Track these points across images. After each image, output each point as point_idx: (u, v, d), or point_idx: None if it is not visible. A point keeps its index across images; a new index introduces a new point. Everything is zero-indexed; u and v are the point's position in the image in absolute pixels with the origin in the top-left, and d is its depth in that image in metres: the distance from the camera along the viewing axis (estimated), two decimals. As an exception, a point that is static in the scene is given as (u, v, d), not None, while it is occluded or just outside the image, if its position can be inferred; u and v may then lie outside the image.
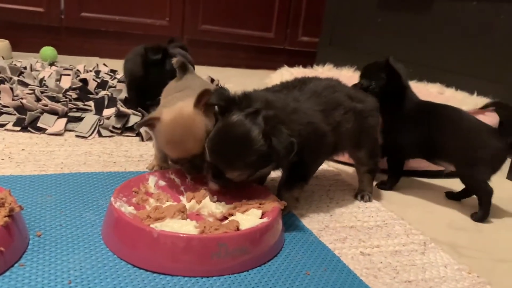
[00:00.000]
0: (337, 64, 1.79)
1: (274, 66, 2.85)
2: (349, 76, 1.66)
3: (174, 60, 1.00)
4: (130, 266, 0.61)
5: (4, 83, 1.36)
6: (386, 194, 1.01)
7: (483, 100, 1.32)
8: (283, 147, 0.67)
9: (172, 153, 0.79)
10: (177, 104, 0.79)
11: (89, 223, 0.71)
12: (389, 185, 1.03)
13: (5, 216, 0.59)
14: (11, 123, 1.10)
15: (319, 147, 0.80)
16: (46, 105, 1.17)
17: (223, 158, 0.71)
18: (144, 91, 1.26)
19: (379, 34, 2.02)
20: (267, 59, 2.85)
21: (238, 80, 2.24)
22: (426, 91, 1.52)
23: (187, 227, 0.65)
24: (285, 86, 0.85)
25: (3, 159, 0.93)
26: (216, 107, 0.75)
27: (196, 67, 1.37)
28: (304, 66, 2.83)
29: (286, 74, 1.47)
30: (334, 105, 0.83)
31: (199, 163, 0.76)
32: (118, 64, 2.17)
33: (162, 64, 1.22)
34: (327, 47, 2.41)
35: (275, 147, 0.67)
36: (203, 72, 1.82)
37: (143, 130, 1.15)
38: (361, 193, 0.94)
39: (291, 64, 2.89)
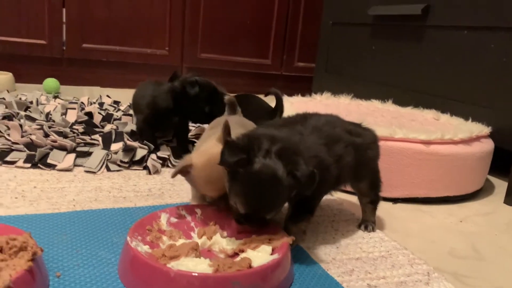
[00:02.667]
0: (334, 91, 1.84)
1: (272, 91, 2.92)
2: (346, 103, 1.71)
3: (226, 98, 1.05)
4: (148, 305, 0.63)
5: (12, 119, 1.40)
6: (388, 223, 1.04)
7: (477, 126, 1.36)
8: (306, 178, 0.71)
9: (212, 193, 0.83)
10: (204, 146, 0.83)
11: (105, 262, 0.74)
12: None
13: (28, 260, 0.62)
14: (22, 160, 1.13)
15: (324, 180, 0.83)
16: (55, 141, 1.20)
17: (261, 207, 0.74)
18: (160, 124, 1.31)
19: (374, 62, 2.08)
20: (265, 84, 2.90)
21: (237, 107, 2.29)
22: (422, 117, 1.57)
23: (201, 266, 0.68)
24: (288, 121, 0.89)
25: (16, 198, 0.95)
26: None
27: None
28: (301, 90, 2.90)
29: (286, 104, 1.51)
30: (335, 139, 0.86)
31: None
32: (119, 94, 2.23)
33: (194, 98, 1.29)
34: (323, 74, 2.46)
35: (300, 180, 0.70)
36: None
37: (150, 163, 1.18)
38: (365, 223, 0.97)
39: (288, 89, 2.97)
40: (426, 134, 1.18)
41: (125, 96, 2.15)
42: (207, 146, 0.83)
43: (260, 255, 0.72)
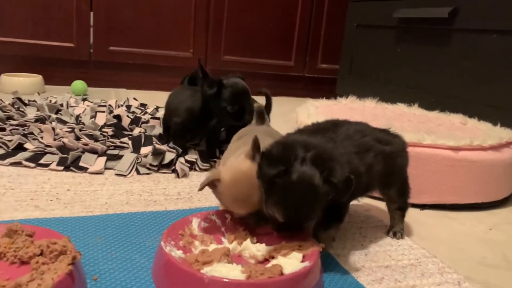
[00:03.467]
0: (358, 93, 1.84)
1: (294, 93, 2.93)
2: (372, 107, 1.70)
3: (255, 105, 1.05)
4: (183, 310, 0.65)
5: (44, 122, 1.44)
6: (416, 229, 1.04)
7: (507, 132, 1.34)
8: (343, 184, 0.70)
9: (240, 211, 0.81)
10: (232, 161, 0.83)
11: (139, 266, 0.76)
12: None
13: (68, 264, 0.64)
14: (55, 163, 1.17)
15: (355, 188, 0.83)
16: (86, 144, 1.23)
17: (299, 216, 0.74)
18: (196, 128, 1.33)
19: (399, 65, 2.06)
20: (287, 86, 2.91)
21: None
22: (449, 121, 1.55)
23: (234, 272, 0.69)
24: (318, 129, 0.89)
25: (51, 200, 0.98)
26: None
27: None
28: (324, 92, 2.89)
29: (311, 108, 1.51)
30: (365, 148, 0.86)
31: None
32: (145, 96, 2.27)
33: (219, 98, 1.28)
34: (347, 76, 2.46)
35: (337, 186, 0.70)
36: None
37: (178, 167, 1.20)
38: (393, 230, 0.97)
39: (311, 90, 2.97)
40: (454, 140, 1.17)
41: (151, 98, 2.19)
42: (235, 162, 0.81)
43: (291, 262, 0.72)
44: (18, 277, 0.62)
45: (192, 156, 1.29)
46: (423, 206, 1.18)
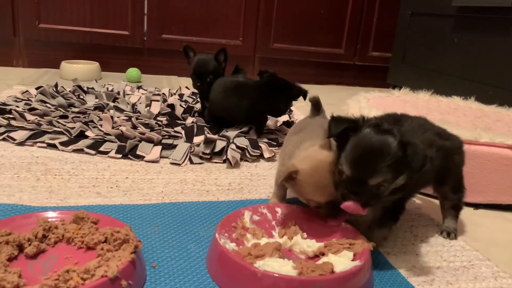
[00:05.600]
0: (410, 82, 1.80)
1: (343, 82, 2.89)
2: (426, 99, 1.66)
3: (310, 97, 1.07)
4: (236, 302, 0.68)
5: (102, 110, 1.51)
6: (470, 231, 1.02)
7: None
8: (417, 157, 0.69)
9: (320, 198, 0.82)
10: (306, 152, 0.84)
11: (194, 255, 0.79)
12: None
13: (131, 253, 0.68)
14: (113, 151, 1.22)
15: (415, 184, 0.83)
16: (143, 133, 1.29)
17: (364, 166, 0.72)
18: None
19: (455, 55, 1.99)
20: (336, 74, 2.88)
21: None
22: (508, 116, 1.49)
23: (286, 268, 0.71)
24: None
25: (111, 188, 1.04)
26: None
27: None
28: (374, 80, 2.83)
29: (363, 100, 1.50)
30: (428, 143, 0.85)
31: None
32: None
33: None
34: (400, 65, 2.39)
35: (409, 155, 0.70)
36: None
37: (230, 155, 1.23)
38: (447, 231, 0.95)
39: (361, 79, 2.91)
40: (514, 138, 1.13)
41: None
42: (311, 152, 0.83)
43: (342, 260, 0.73)
44: (85, 261, 0.67)
45: (243, 142, 1.31)
46: (477, 206, 1.15)
